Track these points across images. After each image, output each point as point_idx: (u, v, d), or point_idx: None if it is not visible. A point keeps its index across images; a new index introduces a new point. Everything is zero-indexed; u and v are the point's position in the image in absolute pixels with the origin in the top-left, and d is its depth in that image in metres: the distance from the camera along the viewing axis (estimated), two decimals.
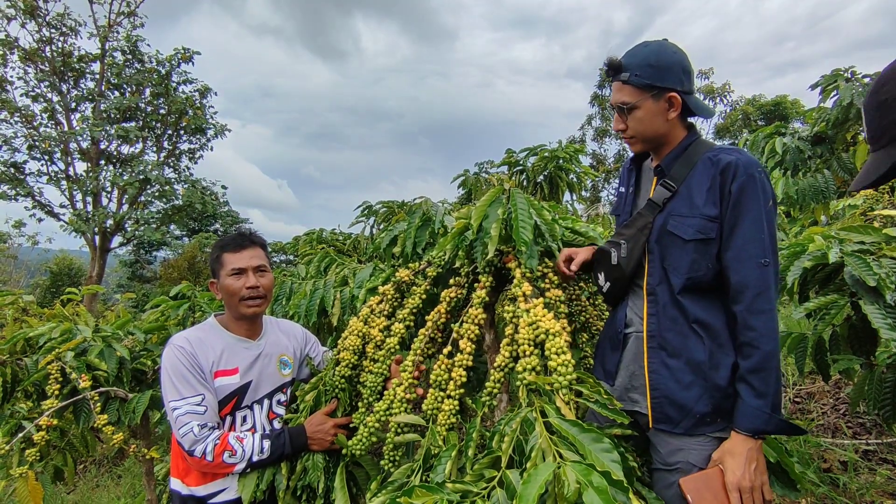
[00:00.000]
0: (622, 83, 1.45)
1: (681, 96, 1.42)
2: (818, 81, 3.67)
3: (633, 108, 1.44)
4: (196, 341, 1.76)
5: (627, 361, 1.50)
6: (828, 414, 3.39)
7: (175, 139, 17.67)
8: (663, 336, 1.41)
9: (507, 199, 1.61)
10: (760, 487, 1.28)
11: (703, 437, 1.37)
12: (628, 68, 1.43)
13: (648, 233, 1.45)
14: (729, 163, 1.35)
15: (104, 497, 4.76)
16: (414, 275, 1.97)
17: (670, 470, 1.40)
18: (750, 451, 1.27)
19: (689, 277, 1.38)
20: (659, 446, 1.43)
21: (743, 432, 1.28)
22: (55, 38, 15.50)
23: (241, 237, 1.88)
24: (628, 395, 1.49)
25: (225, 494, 1.76)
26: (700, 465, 1.36)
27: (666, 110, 1.43)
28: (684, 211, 1.39)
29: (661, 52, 1.42)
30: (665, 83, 1.40)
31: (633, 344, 1.50)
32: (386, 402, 1.65)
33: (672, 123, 1.45)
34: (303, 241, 5.12)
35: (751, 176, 1.32)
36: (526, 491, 0.92)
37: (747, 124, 21.73)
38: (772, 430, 1.27)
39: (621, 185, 1.70)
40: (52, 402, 2.23)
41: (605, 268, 1.56)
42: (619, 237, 1.52)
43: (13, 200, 15.41)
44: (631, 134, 1.48)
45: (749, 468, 1.26)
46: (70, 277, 18.81)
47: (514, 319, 1.51)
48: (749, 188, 1.32)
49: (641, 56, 1.43)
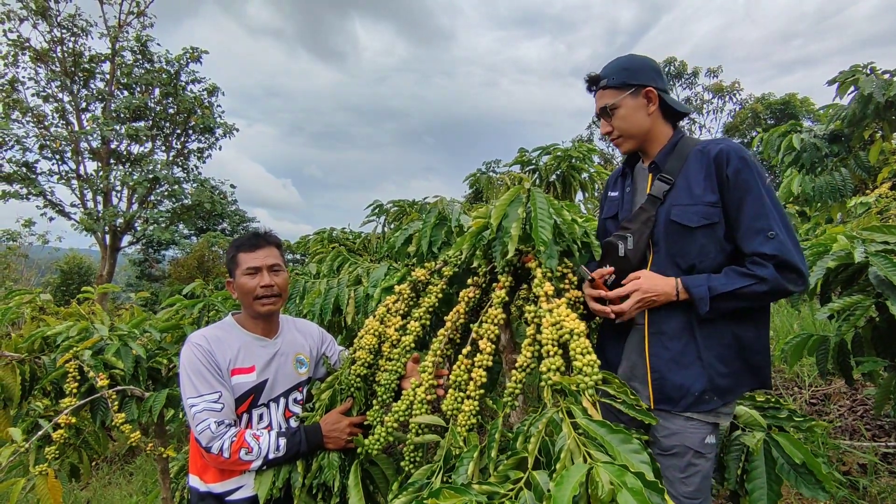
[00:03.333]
0: (602, 90, 1.60)
1: (657, 91, 1.55)
2: (835, 77, 3.62)
3: (615, 107, 1.58)
4: (213, 339, 1.77)
5: (629, 352, 1.58)
6: (845, 416, 3.35)
7: (184, 138, 17.76)
8: (664, 322, 1.49)
9: (527, 199, 1.59)
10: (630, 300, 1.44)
11: (698, 421, 1.45)
12: (605, 76, 1.60)
13: (652, 225, 1.52)
14: (720, 151, 1.46)
15: (117, 494, 4.79)
16: (430, 274, 1.97)
17: (667, 455, 1.47)
18: (663, 289, 1.43)
19: (700, 266, 1.45)
20: (657, 433, 1.50)
21: (679, 281, 1.43)
22: (66, 39, 15.61)
23: (255, 236, 1.89)
24: (630, 383, 1.54)
25: (242, 492, 1.77)
26: (695, 448, 1.44)
27: (645, 105, 1.56)
28: (686, 200, 1.48)
29: (632, 58, 1.61)
30: (639, 80, 1.55)
31: (634, 335, 1.58)
32: (405, 403, 1.64)
33: (654, 118, 1.58)
34: (313, 240, 5.14)
35: (742, 158, 1.43)
36: (559, 492, 0.91)
37: (757, 123, 21.55)
38: (693, 293, 1.40)
39: (612, 190, 1.76)
40: (71, 400, 2.25)
41: (611, 260, 1.59)
42: (624, 231, 1.57)
43: (25, 199, 15.55)
44: (618, 134, 1.61)
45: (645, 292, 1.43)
46: (80, 276, 18.95)
47: (535, 319, 1.50)
48: (744, 170, 1.42)
49: (614, 65, 1.61)
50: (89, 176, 16.06)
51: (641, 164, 1.68)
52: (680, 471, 1.47)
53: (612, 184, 1.78)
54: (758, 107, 22.27)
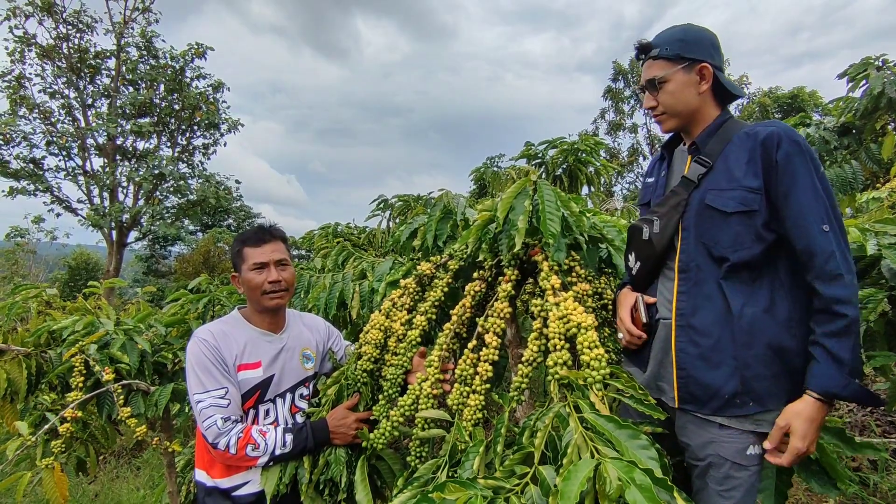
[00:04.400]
0: (652, 60, 1.46)
1: (712, 69, 1.41)
2: (846, 70, 3.56)
3: (664, 80, 1.43)
4: (220, 334, 1.77)
5: (657, 350, 1.46)
6: (855, 412, 3.32)
7: (189, 134, 17.78)
8: (694, 314, 1.37)
9: (533, 191, 1.57)
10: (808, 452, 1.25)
11: (734, 429, 1.32)
12: (657, 45, 1.45)
13: (682, 210, 1.41)
14: (771, 133, 1.31)
15: (124, 488, 4.82)
16: (435, 268, 1.95)
17: (703, 464, 1.36)
18: (820, 416, 1.22)
19: (734, 257, 1.32)
20: (689, 439, 1.39)
21: (815, 394, 1.22)
22: (72, 35, 15.64)
23: (261, 231, 1.87)
24: (657, 383, 1.46)
25: (248, 487, 1.76)
26: (732, 460, 1.31)
27: (697, 82, 1.42)
28: (723, 184, 1.35)
29: (689, 28, 1.46)
30: (693, 54, 1.41)
31: (661, 331, 1.45)
32: (411, 397, 1.63)
33: (704, 98, 1.44)
34: (318, 235, 5.14)
35: (795, 143, 1.29)
36: (567, 488, 0.89)
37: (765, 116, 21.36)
38: (847, 396, 1.21)
39: (650, 176, 1.65)
40: (77, 394, 2.25)
41: (636, 246, 1.51)
42: (651, 215, 1.48)
43: (32, 196, 15.64)
44: (662, 110, 1.47)
45: (815, 434, 1.22)
46: (88, 272, 19.10)
47: (542, 313, 1.48)
48: (797, 156, 1.28)
49: (669, 33, 1.46)
50: (95, 172, 16.11)
51: (682, 147, 1.55)
52: (718, 483, 1.34)
53: (650, 170, 1.67)
54: (766, 100, 22.07)
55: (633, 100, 25.75)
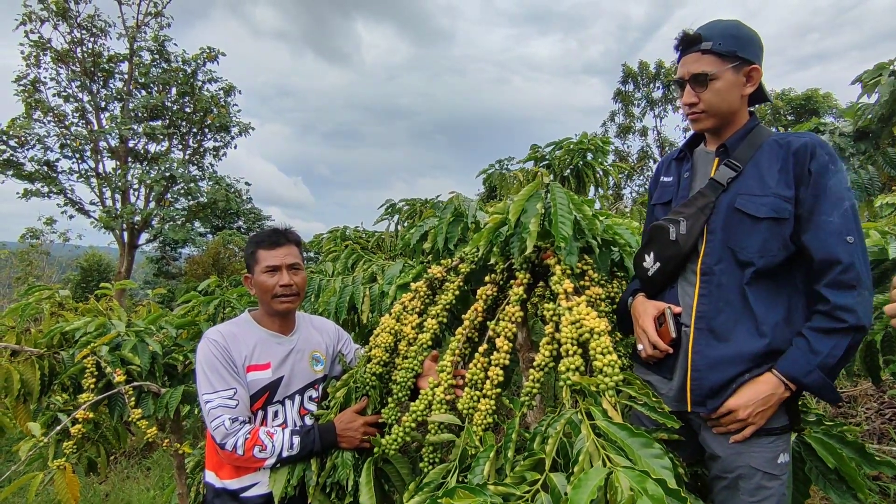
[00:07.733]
0: (701, 53, 1.37)
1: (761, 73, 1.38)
2: (860, 76, 3.51)
3: (713, 78, 1.36)
4: (229, 335, 1.77)
5: (681, 359, 1.40)
6: (872, 419, 3.26)
7: (200, 137, 17.94)
8: (714, 317, 1.34)
9: (545, 194, 1.56)
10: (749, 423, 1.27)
11: (767, 436, 1.30)
12: (709, 38, 1.36)
13: (710, 212, 1.38)
14: (804, 144, 1.30)
15: (134, 488, 4.86)
16: (446, 271, 1.94)
17: (730, 477, 1.32)
18: (770, 395, 1.25)
19: (760, 262, 1.30)
20: (717, 450, 1.35)
21: (776, 373, 1.26)
22: (86, 40, 15.84)
23: (276, 234, 1.87)
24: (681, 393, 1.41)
25: (257, 489, 1.76)
26: (763, 470, 1.28)
27: (743, 84, 1.37)
28: (755, 190, 1.33)
29: (742, 26, 1.39)
30: (747, 55, 1.35)
31: (683, 339, 1.40)
32: (424, 403, 1.62)
33: (743, 101, 1.40)
34: (327, 238, 5.15)
35: (830, 155, 1.29)
36: (577, 496, 0.88)
37: (777, 119, 21.15)
38: (808, 383, 1.23)
39: (667, 175, 1.61)
40: (89, 395, 2.27)
41: (658, 246, 1.46)
42: (677, 215, 1.44)
43: (46, 198, 15.84)
44: (704, 108, 1.40)
45: (757, 407, 1.25)
46: (99, 273, 19.29)
47: (554, 318, 1.46)
48: (829, 168, 1.28)
49: (721, 27, 1.38)
50: (108, 174, 16.30)
51: (704, 148, 1.52)
52: (749, 494, 1.31)
53: (664, 168, 1.63)
54: (778, 103, 21.84)
55: (644, 102, 25.58)
